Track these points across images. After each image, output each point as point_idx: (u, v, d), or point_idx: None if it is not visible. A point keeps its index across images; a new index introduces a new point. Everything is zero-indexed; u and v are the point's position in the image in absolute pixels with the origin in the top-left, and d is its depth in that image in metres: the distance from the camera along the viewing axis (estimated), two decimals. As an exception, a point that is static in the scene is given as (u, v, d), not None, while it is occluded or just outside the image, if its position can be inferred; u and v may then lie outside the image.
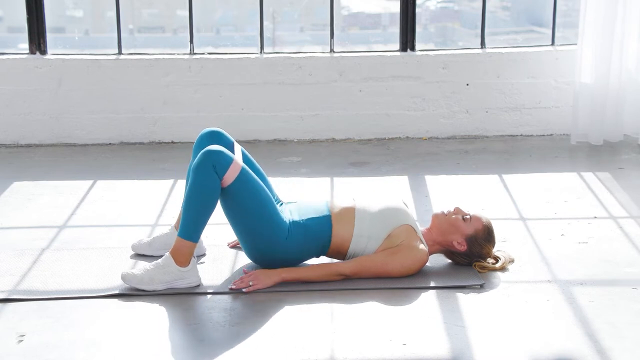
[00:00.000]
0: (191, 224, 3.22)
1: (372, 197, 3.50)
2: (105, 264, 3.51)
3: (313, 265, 3.35)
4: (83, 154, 5.39)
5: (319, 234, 3.35)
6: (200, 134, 3.52)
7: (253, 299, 3.20)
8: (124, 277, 3.25)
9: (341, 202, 3.45)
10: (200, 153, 3.22)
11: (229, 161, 3.21)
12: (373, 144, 5.59)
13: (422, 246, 3.36)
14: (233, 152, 3.42)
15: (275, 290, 3.26)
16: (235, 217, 3.30)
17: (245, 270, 3.37)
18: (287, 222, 3.34)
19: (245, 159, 3.48)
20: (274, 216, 3.29)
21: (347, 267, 3.31)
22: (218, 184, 3.20)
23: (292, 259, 3.36)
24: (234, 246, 3.71)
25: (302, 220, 3.36)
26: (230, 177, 3.21)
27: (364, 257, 3.34)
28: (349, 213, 3.39)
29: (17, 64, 5.54)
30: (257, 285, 3.25)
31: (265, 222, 3.27)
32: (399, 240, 3.33)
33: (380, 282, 3.30)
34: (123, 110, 5.60)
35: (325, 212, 3.40)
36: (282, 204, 3.50)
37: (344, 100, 5.65)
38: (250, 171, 3.30)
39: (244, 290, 3.24)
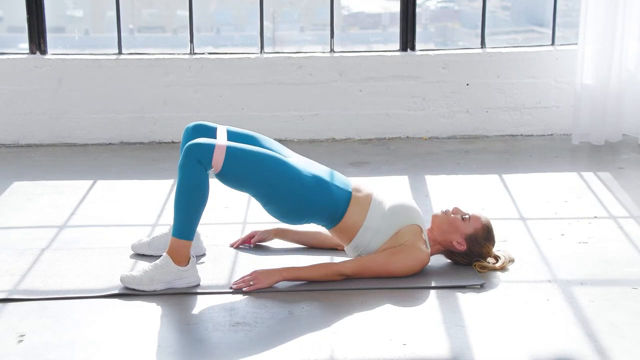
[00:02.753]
0: (184, 222, 3.22)
1: (389, 192, 3.50)
2: (105, 264, 3.51)
3: (314, 265, 3.35)
4: (83, 154, 5.39)
5: (335, 204, 3.34)
6: (184, 132, 3.50)
7: (253, 298, 3.20)
8: (123, 280, 3.25)
9: (363, 187, 3.46)
10: (182, 152, 3.24)
11: (211, 148, 3.21)
12: (373, 144, 5.59)
13: (424, 247, 3.36)
14: (216, 136, 3.41)
15: (275, 290, 3.26)
16: (249, 188, 3.29)
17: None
18: (307, 173, 3.32)
19: (233, 134, 3.45)
20: (282, 167, 3.28)
21: (348, 267, 3.31)
22: (206, 176, 3.21)
23: (310, 208, 3.31)
24: (237, 247, 3.71)
25: (329, 181, 3.36)
26: (218, 160, 3.21)
27: (365, 257, 3.34)
28: (366, 200, 3.40)
29: (17, 64, 5.54)
30: (258, 284, 3.25)
31: (275, 177, 3.26)
32: (403, 239, 3.34)
33: (380, 282, 3.30)
34: (123, 110, 5.60)
35: (348, 188, 3.40)
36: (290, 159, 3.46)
37: (344, 100, 5.65)
38: (240, 144, 3.28)
39: (244, 289, 3.24)
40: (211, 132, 3.43)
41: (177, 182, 3.23)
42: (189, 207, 3.21)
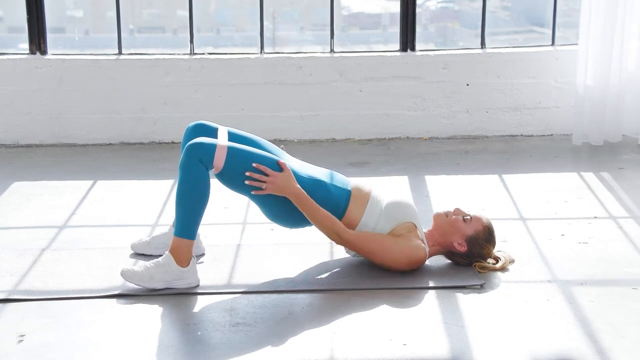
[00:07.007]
0: (186, 221, 3.22)
1: (387, 190, 3.53)
2: (105, 264, 3.51)
3: (324, 211, 3.32)
4: (83, 154, 5.39)
5: (337, 202, 3.37)
6: (185, 131, 3.51)
7: (253, 299, 3.20)
8: (123, 273, 3.25)
9: (361, 184, 3.49)
10: (183, 151, 3.24)
11: (212, 148, 3.22)
12: (373, 144, 5.59)
13: (420, 243, 3.37)
14: (217, 137, 3.42)
15: (275, 290, 3.26)
16: (248, 190, 3.30)
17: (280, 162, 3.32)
18: (305, 176, 3.36)
19: (234, 136, 3.47)
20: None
21: (348, 233, 3.32)
22: (207, 175, 3.22)
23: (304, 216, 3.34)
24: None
25: (327, 182, 3.39)
26: (219, 160, 3.22)
27: (367, 231, 3.36)
28: (365, 197, 3.43)
29: (17, 64, 5.54)
30: (270, 189, 3.25)
31: None
32: (399, 234, 3.36)
33: (380, 282, 3.30)
34: (123, 110, 5.60)
35: (348, 187, 3.43)
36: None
37: (344, 100, 5.65)
38: (240, 145, 3.30)
39: (252, 192, 3.26)
40: (212, 132, 3.44)
41: (179, 181, 3.23)
42: (191, 206, 3.22)
